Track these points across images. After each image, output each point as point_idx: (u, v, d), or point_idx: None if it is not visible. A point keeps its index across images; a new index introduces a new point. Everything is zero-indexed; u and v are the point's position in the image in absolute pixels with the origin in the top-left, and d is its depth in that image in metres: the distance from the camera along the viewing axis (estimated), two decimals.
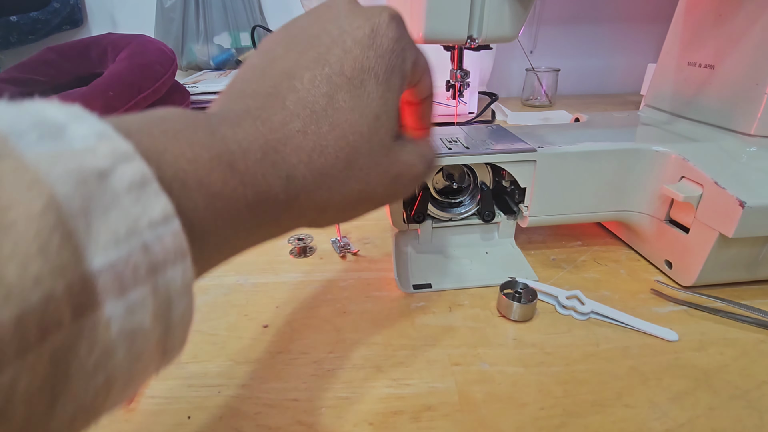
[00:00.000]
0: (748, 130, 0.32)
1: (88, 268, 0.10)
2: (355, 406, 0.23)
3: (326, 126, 0.17)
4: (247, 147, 0.15)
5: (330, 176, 0.17)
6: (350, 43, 0.18)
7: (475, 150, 0.32)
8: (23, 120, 0.10)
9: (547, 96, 0.85)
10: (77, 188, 0.10)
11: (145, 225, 0.11)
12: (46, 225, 0.09)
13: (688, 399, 0.23)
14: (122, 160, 0.11)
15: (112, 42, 0.64)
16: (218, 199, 0.14)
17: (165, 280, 0.11)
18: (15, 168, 0.09)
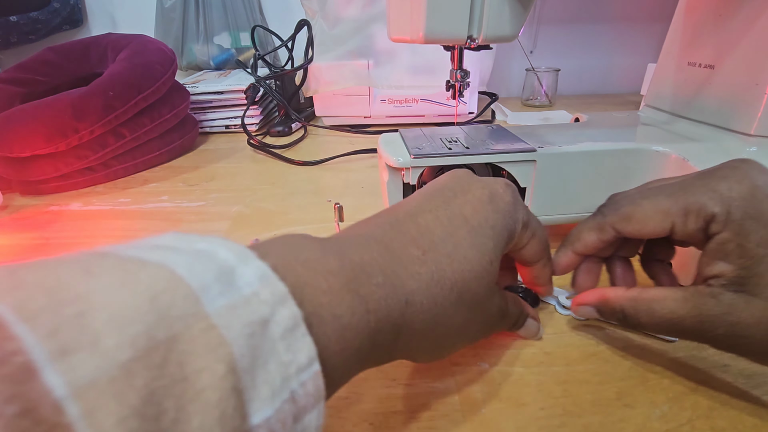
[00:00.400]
0: (748, 130, 0.32)
1: (249, 425, 0.10)
2: (355, 406, 0.23)
3: (445, 257, 0.17)
4: (371, 271, 0.15)
5: (442, 306, 0.17)
6: (471, 197, 0.20)
7: (475, 150, 0.32)
8: (208, 273, 0.11)
9: (547, 96, 0.85)
10: (248, 342, 0.10)
11: (294, 372, 0.11)
12: (225, 389, 0.09)
13: (688, 399, 0.23)
14: (279, 303, 0.11)
15: (112, 42, 0.64)
16: (348, 331, 0.14)
17: (302, 427, 0.11)
18: (205, 329, 0.10)
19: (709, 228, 0.19)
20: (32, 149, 0.50)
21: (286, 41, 0.73)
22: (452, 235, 0.18)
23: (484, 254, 0.19)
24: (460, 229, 0.18)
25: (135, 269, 0.10)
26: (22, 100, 0.58)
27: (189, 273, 0.10)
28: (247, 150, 0.66)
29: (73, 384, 0.08)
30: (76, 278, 0.09)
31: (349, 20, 0.69)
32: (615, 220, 0.23)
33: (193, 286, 0.10)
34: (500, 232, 0.20)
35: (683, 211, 0.20)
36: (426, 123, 0.73)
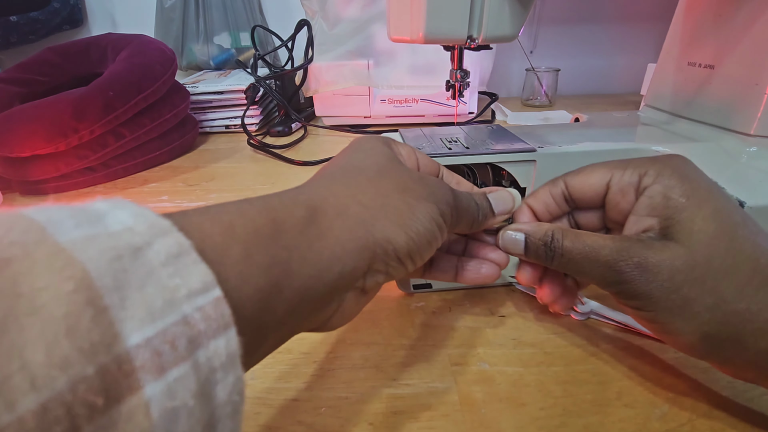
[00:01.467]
0: (748, 130, 0.32)
1: (123, 346, 0.09)
2: (355, 406, 0.23)
3: (328, 172, 0.21)
4: (249, 199, 0.16)
5: (344, 176, 0.20)
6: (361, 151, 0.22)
7: (475, 150, 0.32)
8: (62, 212, 0.10)
9: (547, 96, 0.85)
10: (111, 265, 0.10)
11: (184, 296, 0.11)
12: (77, 304, 0.09)
13: (688, 399, 0.23)
14: (159, 234, 0.11)
15: (112, 42, 0.64)
16: (232, 229, 0.14)
17: (207, 354, 0.11)
18: (49, 253, 0.09)
19: (641, 182, 0.21)
20: (32, 149, 0.50)
21: (286, 41, 0.73)
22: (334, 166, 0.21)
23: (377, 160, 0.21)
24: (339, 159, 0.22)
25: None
26: (22, 100, 0.58)
27: (37, 214, 0.10)
28: (247, 150, 0.66)
29: None
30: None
31: (349, 20, 0.69)
32: (566, 174, 0.25)
33: (37, 220, 0.10)
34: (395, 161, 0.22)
35: (623, 166, 0.22)
36: (426, 123, 0.73)
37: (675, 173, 0.20)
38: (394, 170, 0.21)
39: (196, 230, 0.13)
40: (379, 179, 0.20)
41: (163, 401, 0.10)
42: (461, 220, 0.23)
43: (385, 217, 0.18)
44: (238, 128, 0.72)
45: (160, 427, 0.10)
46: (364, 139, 0.23)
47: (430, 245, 0.20)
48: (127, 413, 0.09)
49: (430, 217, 0.20)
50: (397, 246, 0.18)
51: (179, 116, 0.63)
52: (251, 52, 0.87)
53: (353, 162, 0.21)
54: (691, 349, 0.20)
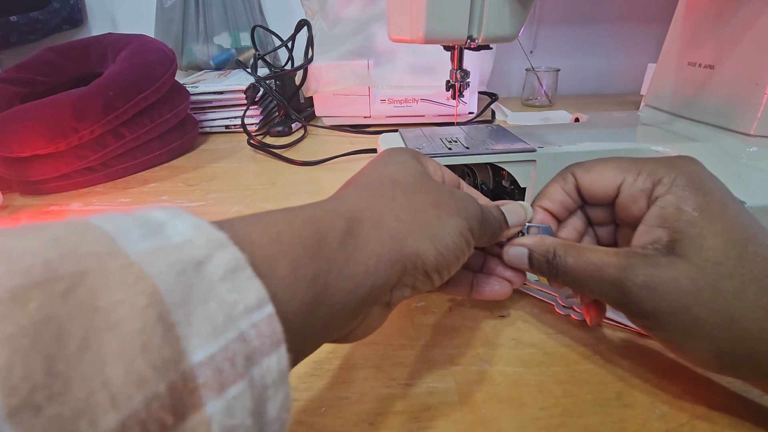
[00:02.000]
0: (748, 130, 0.32)
1: (189, 363, 0.09)
2: (355, 406, 0.23)
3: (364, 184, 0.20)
4: (294, 209, 0.16)
5: (381, 190, 0.19)
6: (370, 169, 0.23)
7: (475, 150, 0.32)
8: (127, 221, 0.11)
9: (547, 96, 0.85)
10: (177, 279, 0.10)
11: (241, 312, 0.11)
12: (150, 320, 0.09)
13: (688, 399, 0.23)
14: (217, 248, 0.11)
15: (112, 42, 0.64)
16: (280, 242, 0.14)
17: (261, 371, 0.11)
18: (121, 266, 0.09)
19: (654, 190, 0.20)
20: (32, 149, 0.50)
21: (286, 41, 0.73)
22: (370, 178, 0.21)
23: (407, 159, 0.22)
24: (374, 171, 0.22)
25: (47, 224, 0.10)
26: (22, 100, 0.58)
27: (104, 223, 0.10)
28: (247, 150, 0.66)
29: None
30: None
31: (349, 20, 0.69)
32: (576, 169, 0.24)
33: (107, 230, 0.10)
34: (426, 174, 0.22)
35: (637, 170, 0.21)
36: (426, 123, 0.73)
37: (690, 183, 0.20)
38: (427, 185, 0.21)
39: (247, 242, 0.13)
40: (414, 193, 0.20)
41: (223, 419, 0.10)
42: (485, 234, 0.22)
43: (417, 231, 0.18)
44: (238, 128, 0.72)
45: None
46: (396, 151, 0.23)
47: (458, 260, 0.20)
48: (191, 430, 0.09)
49: (459, 232, 0.20)
50: (426, 260, 0.18)
51: (179, 116, 0.63)
52: (251, 52, 0.87)
53: (388, 174, 0.21)
54: (707, 366, 0.20)
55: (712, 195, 0.19)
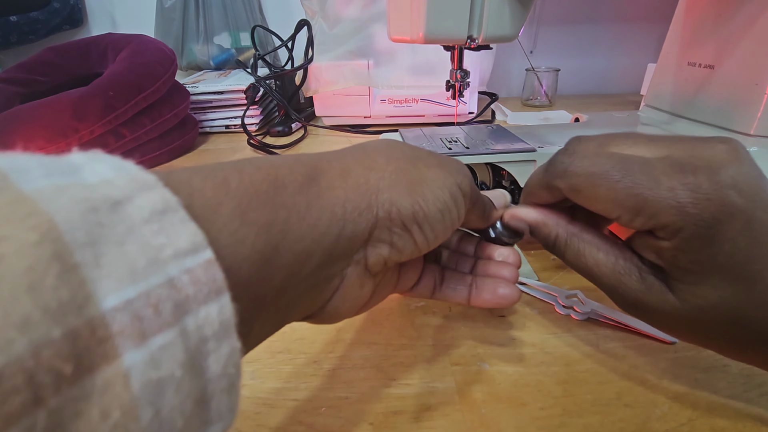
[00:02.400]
0: (748, 130, 0.32)
1: (98, 308, 0.08)
2: (355, 406, 0.23)
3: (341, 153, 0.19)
4: (245, 162, 0.15)
5: (355, 150, 0.18)
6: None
7: (475, 150, 0.32)
8: (31, 160, 0.10)
9: (547, 96, 0.85)
10: (84, 217, 0.09)
11: (170, 256, 0.10)
12: (42, 258, 0.08)
13: (688, 399, 0.23)
14: (142, 188, 0.10)
15: (112, 42, 0.64)
16: (225, 187, 0.13)
17: (197, 322, 0.10)
18: (11, 201, 0.08)
19: (654, 231, 0.18)
20: (32, 149, 0.50)
21: (286, 41, 0.73)
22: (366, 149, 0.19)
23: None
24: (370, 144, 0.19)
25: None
26: (22, 100, 0.58)
27: (0, 158, 0.09)
28: (247, 150, 0.66)
29: None
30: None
31: (349, 20, 0.69)
32: (564, 186, 0.20)
33: (1, 167, 0.09)
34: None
35: (634, 210, 0.17)
36: (426, 123, 0.73)
37: (698, 233, 0.16)
38: (407, 145, 0.20)
39: (185, 186, 0.12)
40: (388, 149, 0.18)
41: (146, 371, 0.09)
42: (477, 206, 0.21)
43: (390, 179, 0.17)
44: (238, 128, 0.72)
45: (143, 400, 0.08)
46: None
47: (443, 216, 0.18)
48: (103, 384, 0.08)
49: (442, 184, 0.18)
50: (402, 209, 0.17)
51: (179, 116, 0.63)
52: (251, 52, 0.87)
53: (363, 144, 0.20)
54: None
55: (720, 247, 0.16)
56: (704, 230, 0.16)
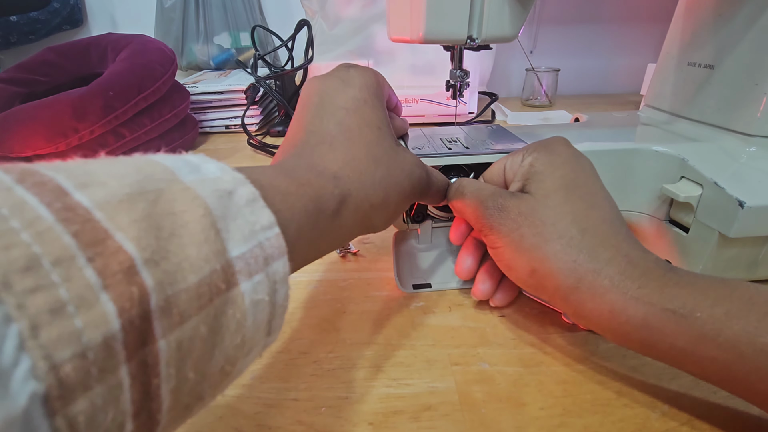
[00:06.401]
0: (748, 130, 0.32)
1: (229, 255, 0.14)
2: (355, 406, 0.23)
3: (346, 141, 0.22)
4: (296, 167, 0.20)
5: (366, 173, 0.22)
6: (330, 90, 0.24)
7: (475, 150, 0.32)
8: (177, 161, 0.15)
9: (547, 96, 0.85)
10: (218, 201, 0.14)
11: (259, 228, 0.15)
12: (206, 224, 0.13)
13: (688, 399, 0.23)
14: (239, 184, 0.15)
15: (112, 42, 0.64)
16: (288, 198, 0.18)
17: (273, 270, 0.15)
18: (183, 189, 0.13)
19: (522, 160, 0.27)
20: (32, 149, 0.50)
21: (286, 41, 0.73)
22: (341, 124, 0.23)
23: (371, 127, 0.23)
24: (346, 118, 0.23)
25: (120, 159, 0.14)
26: (22, 100, 0.58)
27: (163, 159, 0.14)
28: (247, 150, 0.66)
29: (94, 201, 0.11)
30: (77, 163, 0.13)
31: (349, 20, 0.69)
32: (483, 174, 0.31)
33: (168, 165, 0.14)
34: (374, 101, 0.24)
35: (514, 153, 0.28)
36: (426, 123, 0.73)
37: (545, 149, 0.26)
38: (392, 159, 0.24)
39: (264, 183, 0.17)
40: (387, 170, 0.23)
41: (251, 294, 0.14)
42: (428, 194, 0.28)
43: (380, 213, 0.23)
44: (238, 128, 0.72)
45: (249, 311, 0.14)
46: (355, 83, 0.25)
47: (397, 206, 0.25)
48: (233, 297, 0.14)
49: (407, 202, 0.26)
50: (377, 228, 0.24)
51: (179, 116, 0.63)
52: (251, 52, 0.87)
53: (349, 122, 0.23)
54: (525, 283, 0.25)
55: (559, 156, 0.26)
56: (548, 146, 0.27)
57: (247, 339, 0.14)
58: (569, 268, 0.22)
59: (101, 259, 0.10)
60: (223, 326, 0.13)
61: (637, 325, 0.20)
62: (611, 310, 0.21)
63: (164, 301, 0.11)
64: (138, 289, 0.11)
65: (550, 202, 0.24)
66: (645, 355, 0.22)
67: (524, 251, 0.24)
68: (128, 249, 0.11)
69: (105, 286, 0.10)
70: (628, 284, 0.21)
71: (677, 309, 0.20)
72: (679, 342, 0.19)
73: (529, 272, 0.24)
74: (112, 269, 0.11)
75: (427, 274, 0.34)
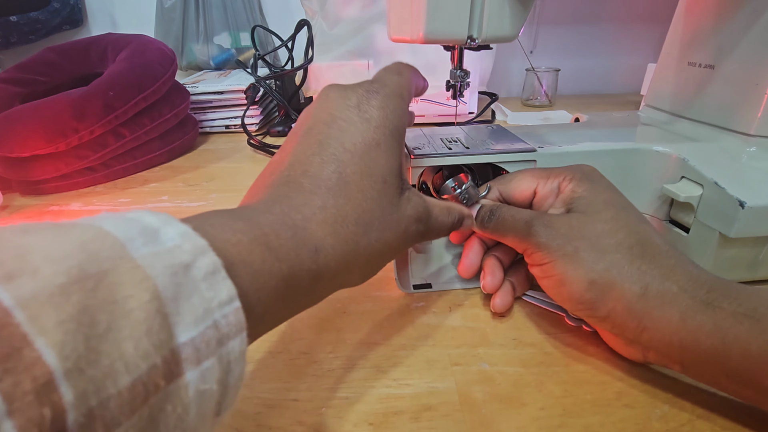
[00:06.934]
0: (748, 130, 0.32)
1: (176, 342, 0.12)
2: (355, 406, 0.23)
3: (342, 198, 0.19)
4: (278, 229, 0.18)
5: (353, 242, 0.20)
6: (342, 122, 0.21)
7: (475, 150, 0.32)
8: (132, 229, 0.13)
9: (547, 96, 0.85)
10: (171, 279, 0.13)
11: (216, 305, 0.13)
12: (152, 311, 0.12)
13: (688, 399, 0.23)
14: (200, 253, 0.14)
15: (112, 42, 0.64)
16: (259, 276, 0.16)
17: (227, 350, 0.14)
18: (131, 268, 0.12)
19: (560, 187, 0.27)
20: (32, 149, 0.50)
21: (286, 41, 0.73)
22: (341, 174, 0.20)
23: (376, 179, 0.20)
24: (348, 165, 0.20)
25: (67, 227, 0.12)
26: (22, 100, 0.58)
27: (115, 229, 0.13)
28: (247, 150, 0.66)
29: (18, 297, 0.10)
30: (15, 235, 0.12)
31: (349, 20, 0.69)
32: (495, 182, 0.30)
33: (119, 237, 0.13)
34: (387, 141, 0.21)
35: (545, 176, 0.28)
36: (426, 123, 0.73)
37: (584, 177, 0.27)
38: (384, 214, 0.21)
39: (229, 248, 0.16)
40: (368, 228, 0.20)
41: (198, 384, 0.13)
42: (431, 234, 0.26)
43: (362, 273, 0.22)
44: (238, 128, 0.72)
45: (193, 403, 0.13)
46: (374, 108, 0.22)
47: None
48: (175, 390, 0.12)
49: (392, 257, 0.25)
50: (357, 282, 0.22)
51: (179, 116, 0.63)
52: (251, 52, 0.87)
53: (351, 172, 0.20)
54: (580, 298, 0.23)
55: (600, 183, 0.27)
56: (587, 174, 0.27)
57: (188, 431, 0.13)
58: (634, 275, 0.22)
59: (10, 378, 0.09)
60: (160, 424, 0.12)
61: (709, 331, 0.20)
62: (681, 317, 0.20)
63: (85, 416, 0.10)
64: (51, 410, 0.10)
65: (602, 216, 0.24)
66: (709, 371, 0.21)
67: (581, 262, 0.23)
68: (47, 359, 0.10)
69: (10, 412, 0.09)
70: (696, 289, 0.21)
71: (748, 312, 0.19)
72: (753, 347, 0.19)
73: (587, 285, 0.23)
74: (23, 389, 0.09)
75: (427, 275, 0.34)
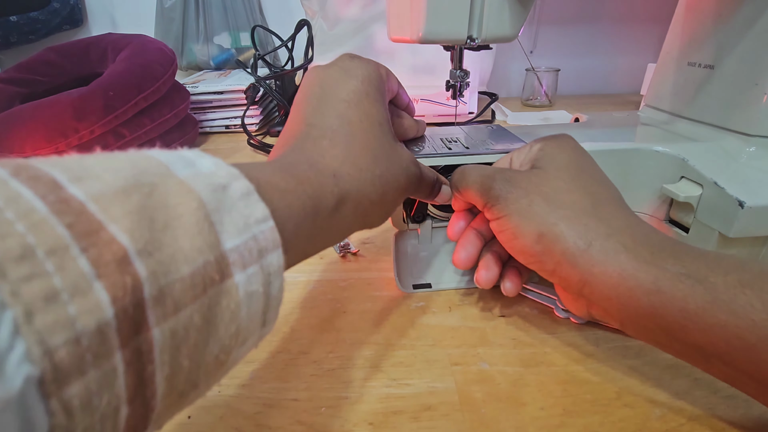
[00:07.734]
0: (748, 130, 0.32)
1: (223, 248, 0.14)
2: (355, 406, 0.23)
3: (347, 136, 0.22)
4: (295, 162, 0.20)
5: (365, 171, 0.22)
6: (332, 81, 0.24)
7: (475, 150, 0.32)
8: (171, 156, 0.15)
9: (547, 96, 0.85)
10: (212, 194, 0.14)
11: (253, 222, 0.15)
12: (200, 216, 0.13)
13: (688, 399, 0.23)
14: (234, 178, 0.15)
15: (112, 42, 0.64)
16: (287, 195, 0.18)
17: (267, 262, 0.15)
18: (177, 183, 0.14)
19: (530, 150, 0.28)
20: (32, 149, 0.50)
21: (286, 41, 0.73)
22: (342, 118, 0.23)
23: (372, 121, 0.23)
24: (347, 110, 0.23)
25: (116, 153, 0.14)
26: (22, 100, 0.58)
27: (158, 155, 0.15)
28: (247, 150, 0.66)
29: (89, 194, 0.12)
30: (74, 157, 0.13)
31: (349, 20, 0.69)
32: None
33: (162, 160, 0.14)
34: (375, 94, 0.24)
35: (520, 148, 0.29)
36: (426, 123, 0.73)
37: (553, 139, 0.28)
38: (391, 160, 0.24)
39: (259, 178, 0.17)
40: (385, 167, 0.23)
41: (245, 285, 0.14)
42: (422, 191, 0.28)
43: (378, 212, 0.24)
44: (238, 128, 0.72)
45: (244, 302, 0.14)
46: (356, 66, 0.25)
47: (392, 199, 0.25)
48: (227, 288, 0.14)
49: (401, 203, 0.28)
50: (374, 225, 0.25)
51: (179, 116, 0.63)
52: (251, 52, 0.87)
53: (350, 116, 0.23)
54: (530, 251, 0.24)
55: (567, 144, 0.27)
56: (558, 140, 0.28)
57: (242, 329, 0.15)
58: (580, 230, 0.23)
59: (95, 249, 0.11)
60: (218, 316, 0.14)
61: (648, 290, 0.20)
62: (621, 274, 0.21)
63: (158, 291, 0.12)
64: (131, 279, 0.11)
65: (561, 174, 0.25)
66: (645, 327, 0.21)
67: (533, 216, 0.24)
68: (121, 240, 0.11)
69: (98, 275, 0.11)
70: (640, 249, 0.21)
71: (691, 273, 0.20)
72: (690, 305, 0.19)
73: (536, 237, 0.23)
74: (105, 259, 0.11)
75: (427, 274, 0.34)
